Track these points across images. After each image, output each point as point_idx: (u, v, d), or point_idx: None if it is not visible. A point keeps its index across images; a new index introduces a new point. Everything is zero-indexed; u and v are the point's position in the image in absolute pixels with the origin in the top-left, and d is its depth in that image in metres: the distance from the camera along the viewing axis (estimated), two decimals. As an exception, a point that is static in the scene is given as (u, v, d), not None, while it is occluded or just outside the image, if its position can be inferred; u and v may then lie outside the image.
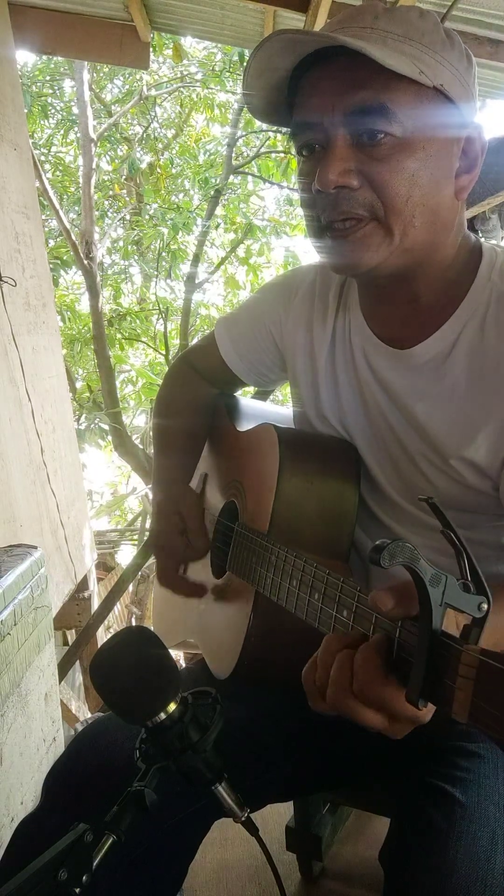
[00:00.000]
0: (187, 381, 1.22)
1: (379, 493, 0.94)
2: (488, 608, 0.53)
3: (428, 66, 0.73)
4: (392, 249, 0.77)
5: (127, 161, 8.84)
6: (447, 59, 0.75)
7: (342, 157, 0.74)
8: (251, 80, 0.79)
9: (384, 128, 0.72)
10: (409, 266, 0.80)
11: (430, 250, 0.80)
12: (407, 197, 0.74)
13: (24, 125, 3.42)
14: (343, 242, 0.78)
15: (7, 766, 1.28)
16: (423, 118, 0.73)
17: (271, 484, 0.92)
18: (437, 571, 0.53)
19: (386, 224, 0.76)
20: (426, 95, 0.73)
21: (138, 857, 0.78)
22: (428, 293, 0.84)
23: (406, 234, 0.76)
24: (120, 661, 0.64)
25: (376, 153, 0.73)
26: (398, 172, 0.74)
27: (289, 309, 1.02)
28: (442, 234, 0.80)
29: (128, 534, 8.55)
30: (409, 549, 0.52)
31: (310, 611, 0.73)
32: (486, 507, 0.85)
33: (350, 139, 0.74)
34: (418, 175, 0.74)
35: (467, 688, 0.49)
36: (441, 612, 0.53)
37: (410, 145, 0.73)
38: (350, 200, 0.75)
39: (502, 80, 3.33)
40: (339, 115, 0.74)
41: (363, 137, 0.74)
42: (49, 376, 3.31)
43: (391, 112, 0.72)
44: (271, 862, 0.72)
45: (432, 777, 0.79)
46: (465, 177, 0.79)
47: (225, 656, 0.93)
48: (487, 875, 0.67)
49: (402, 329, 0.87)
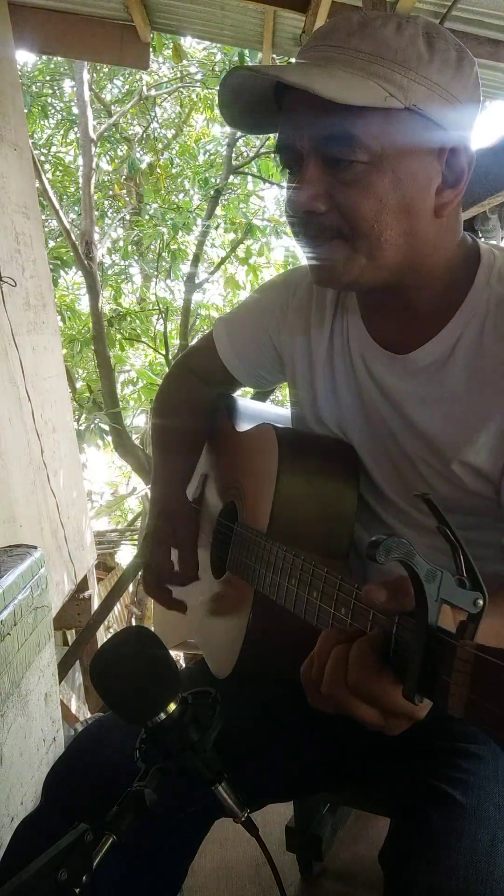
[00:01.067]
0: (186, 382, 1.22)
1: (379, 494, 0.94)
2: (484, 604, 0.53)
3: (399, 87, 0.70)
4: (363, 268, 0.77)
5: (127, 161, 8.85)
6: (423, 74, 0.71)
7: (311, 181, 0.74)
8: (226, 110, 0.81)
9: (349, 156, 0.72)
10: (393, 281, 0.80)
11: (411, 267, 0.79)
12: (374, 221, 0.74)
13: (24, 125, 3.43)
14: (314, 256, 0.79)
15: (7, 766, 1.28)
16: (393, 141, 0.72)
17: (270, 484, 0.92)
18: (432, 567, 0.53)
19: (353, 245, 0.76)
20: (397, 117, 0.71)
21: (138, 857, 0.78)
22: (423, 300, 0.84)
23: (374, 255, 0.76)
24: (120, 661, 0.64)
25: (345, 177, 0.73)
26: (365, 197, 0.73)
27: (286, 310, 1.02)
28: (422, 250, 0.78)
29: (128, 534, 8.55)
30: (405, 545, 0.52)
31: (308, 609, 0.73)
32: (488, 509, 0.85)
33: (321, 163, 0.74)
34: (387, 198, 0.73)
35: (463, 683, 0.49)
36: (437, 608, 0.53)
37: (380, 168, 0.72)
38: (318, 224, 0.76)
39: (502, 80, 3.33)
40: (307, 141, 0.74)
41: (332, 162, 0.74)
42: (49, 376, 3.31)
43: (357, 139, 0.71)
44: (271, 862, 0.72)
45: (432, 778, 0.79)
46: (448, 192, 0.77)
47: (225, 656, 0.93)
48: (487, 876, 0.67)
49: (400, 334, 0.87)
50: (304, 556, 0.77)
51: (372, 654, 0.57)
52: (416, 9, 2.76)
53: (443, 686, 0.51)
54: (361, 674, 0.57)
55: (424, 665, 0.53)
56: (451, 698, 0.50)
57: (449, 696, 0.50)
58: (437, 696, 0.52)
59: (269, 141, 8.08)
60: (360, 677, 0.57)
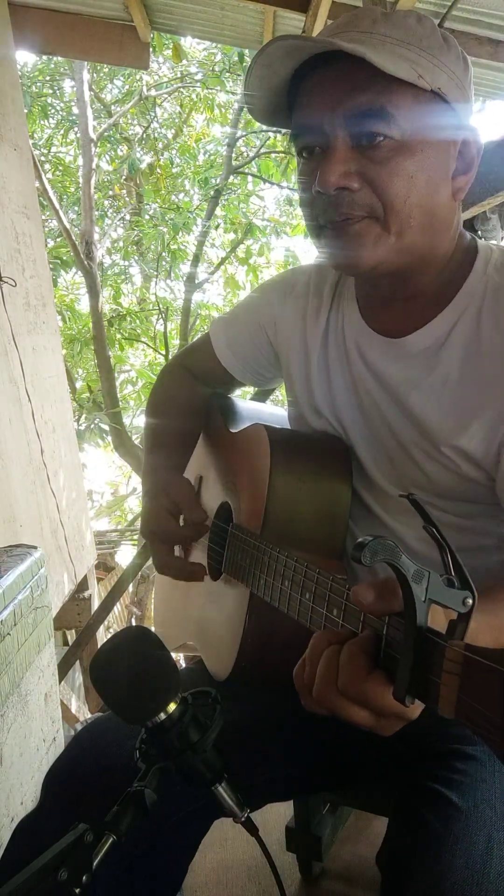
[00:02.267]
0: (181, 381, 1.22)
1: (373, 487, 0.95)
2: (473, 603, 0.53)
3: (426, 70, 0.74)
4: (390, 248, 0.78)
5: (127, 161, 8.85)
6: (444, 62, 0.76)
7: (342, 160, 0.75)
8: (253, 85, 0.80)
9: (383, 130, 0.74)
10: (407, 265, 0.81)
11: (427, 250, 0.81)
12: (405, 198, 0.76)
13: (24, 125, 3.43)
14: (341, 239, 0.79)
15: (7, 766, 1.28)
16: (422, 121, 0.75)
17: (263, 484, 0.92)
18: (419, 567, 0.53)
19: (384, 223, 0.77)
20: (424, 98, 0.74)
21: (138, 857, 0.78)
22: (423, 286, 0.85)
23: (403, 233, 0.77)
24: (120, 661, 0.64)
25: (375, 155, 0.75)
26: (397, 174, 0.75)
27: (283, 307, 1.03)
28: (440, 233, 0.81)
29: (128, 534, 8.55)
30: (391, 546, 0.52)
31: (301, 610, 0.74)
32: (483, 496, 0.86)
33: (350, 141, 0.75)
34: (416, 177, 0.75)
35: (452, 683, 0.49)
36: (425, 608, 0.53)
37: (409, 147, 0.75)
38: (350, 202, 0.76)
39: (502, 80, 3.33)
40: (339, 118, 0.75)
41: (362, 140, 0.75)
42: (49, 376, 3.31)
43: (390, 115, 0.73)
44: (271, 862, 0.72)
45: (429, 780, 0.79)
46: (461, 178, 0.80)
47: (222, 658, 0.93)
48: (483, 878, 0.67)
49: (396, 320, 0.88)
50: (296, 557, 0.77)
51: (362, 656, 0.57)
52: (416, 8, 2.75)
53: (433, 687, 0.51)
54: (352, 676, 0.57)
55: (414, 666, 0.53)
56: (441, 699, 0.50)
57: (439, 697, 0.50)
58: (428, 697, 0.52)
59: (269, 141, 8.09)
60: (351, 679, 0.57)
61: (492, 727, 0.45)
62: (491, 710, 0.46)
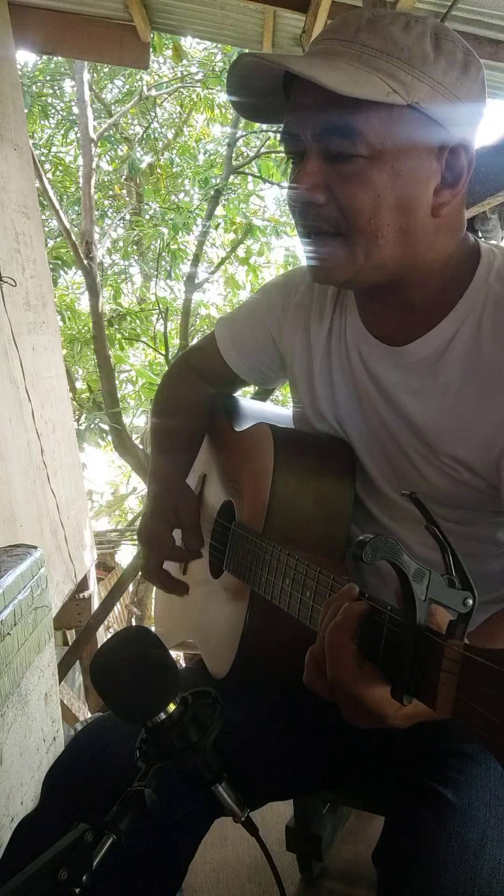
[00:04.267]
0: (186, 381, 1.22)
1: (375, 491, 0.95)
2: (473, 603, 0.53)
3: (402, 84, 0.71)
4: (359, 267, 0.78)
5: (127, 161, 8.85)
6: (428, 73, 0.72)
7: (312, 172, 0.75)
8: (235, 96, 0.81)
9: (350, 150, 0.72)
10: (388, 279, 0.80)
11: (408, 264, 0.79)
12: (370, 217, 0.74)
13: (24, 125, 3.43)
14: (313, 255, 0.80)
15: (7, 766, 1.28)
16: (394, 137, 0.72)
17: (266, 483, 0.92)
18: (420, 567, 0.53)
19: (350, 241, 0.76)
20: (399, 114, 0.72)
21: (138, 857, 0.78)
22: (420, 296, 0.84)
23: (370, 253, 0.77)
24: (120, 661, 0.64)
25: (345, 171, 0.74)
26: (364, 192, 0.74)
27: (287, 308, 1.03)
28: (418, 248, 0.78)
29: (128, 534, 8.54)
30: (392, 544, 0.52)
31: (302, 609, 0.74)
32: (482, 503, 0.86)
33: (322, 154, 0.75)
34: (385, 195, 0.74)
35: (450, 683, 0.49)
36: (425, 608, 0.53)
37: (379, 164, 0.73)
38: (315, 215, 0.77)
39: (502, 80, 3.33)
40: (309, 132, 0.75)
41: (332, 154, 0.74)
42: (49, 376, 3.31)
43: (359, 133, 0.72)
44: (271, 862, 0.72)
45: (424, 777, 0.79)
46: (446, 192, 0.77)
47: (222, 655, 0.93)
48: (476, 875, 0.68)
49: (397, 327, 0.87)
50: (298, 555, 0.77)
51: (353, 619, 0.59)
52: (416, 8, 2.75)
53: (431, 686, 0.51)
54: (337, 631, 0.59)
55: (413, 665, 0.53)
56: (438, 698, 0.50)
57: (437, 696, 0.50)
58: (425, 695, 0.52)
59: (269, 141, 8.09)
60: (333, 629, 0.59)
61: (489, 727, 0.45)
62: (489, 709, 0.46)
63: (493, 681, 0.46)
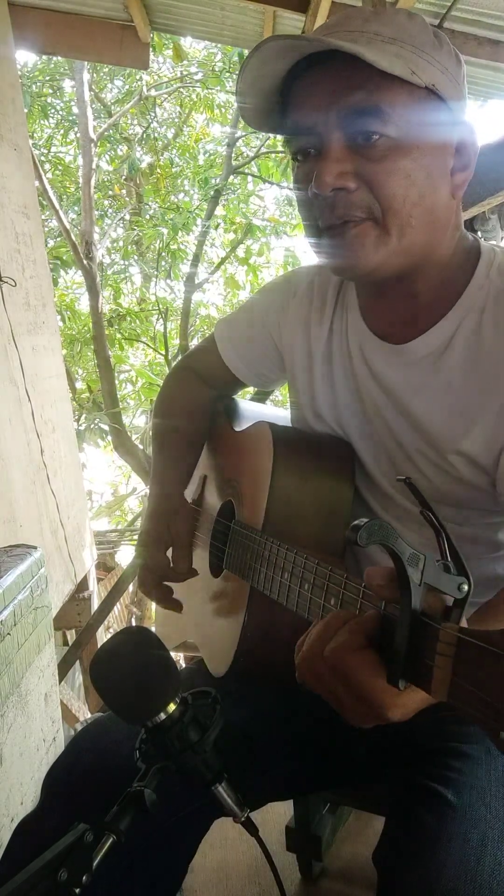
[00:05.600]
0: (187, 383, 1.22)
1: (375, 490, 0.95)
2: (469, 589, 0.53)
3: (419, 67, 0.72)
4: (390, 251, 0.77)
5: (127, 161, 8.86)
6: (437, 59, 0.75)
7: (338, 160, 0.74)
8: (246, 87, 0.79)
9: (379, 129, 0.73)
10: (408, 267, 0.80)
11: (428, 250, 0.80)
12: (404, 197, 0.75)
13: (24, 125, 3.43)
14: (340, 243, 0.78)
15: (7, 766, 1.28)
16: (417, 118, 0.74)
17: (265, 481, 0.92)
18: (415, 551, 0.53)
19: (383, 224, 0.76)
20: (419, 95, 0.73)
21: (138, 857, 0.78)
22: (426, 291, 0.84)
23: (403, 233, 0.76)
24: (120, 661, 0.64)
25: (372, 154, 0.74)
26: (394, 172, 0.74)
27: (287, 309, 1.03)
28: (440, 232, 0.80)
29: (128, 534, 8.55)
30: (387, 528, 0.52)
31: (300, 602, 0.74)
32: (480, 502, 0.86)
33: (345, 141, 0.74)
34: (414, 174, 0.74)
35: (446, 666, 0.49)
36: (420, 592, 0.53)
37: (405, 145, 0.74)
38: (347, 203, 0.75)
39: (502, 80, 3.33)
40: (334, 118, 0.74)
41: (358, 139, 0.74)
42: (49, 376, 3.31)
43: (385, 113, 0.72)
44: (271, 862, 0.72)
45: (424, 778, 0.79)
46: (460, 175, 0.79)
47: (221, 654, 0.93)
48: (476, 876, 0.67)
49: (398, 325, 0.87)
50: (296, 549, 0.78)
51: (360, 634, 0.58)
52: (416, 9, 2.76)
53: (426, 670, 0.51)
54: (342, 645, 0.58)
55: (408, 649, 0.53)
56: (434, 682, 0.50)
57: (432, 679, 0.50)
58: (421, 680, 0.52)
59: (269, 141, 8.09)
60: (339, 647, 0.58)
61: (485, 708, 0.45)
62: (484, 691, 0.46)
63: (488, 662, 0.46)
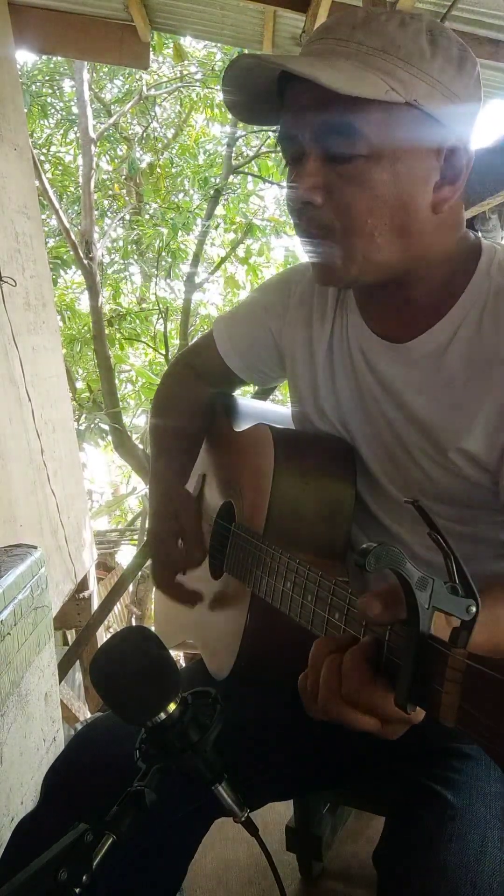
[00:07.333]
0: (185, 381, 1.22)
1: (377, 491, 0.95)
2: (476, 611, 0.52)
3: (400, 81, 0.70)
4: (361, 267, 0.78)
5: (127, 161, 8.85)
6: (426, 70, 0.72)
7: (310, 173, 0.75)
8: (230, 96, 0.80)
9: (350, 149, 0.72)
10: (391, 276, 0.80)
11: (408, 262, 0.79)
12: (367, 217, 0.74)
13: (24, 125, 3.43)
14: (313, 257, 0.79)
15: (7, 766, 1.28)
16: (395, 134, 0.72)
17: (266, 484, 0.92)
18: (423, 575, 0.52)
19: (345, 244, 0.76)
20: (397, 111, 0.71)
21: (138, 857, 0.78)
22: (422, 292, 0.84)
23: (369, 254, 0.76)
24: (119, 661, 0.64)
25: (344, 171, 0.73)
26: (362, 192, 0.73)
27: (287, 306, 1.03)
28: (419, 245, 0.78)
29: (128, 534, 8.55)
30: (395, 553, 0.52)
31: (303, 613, 0.73)
32: (485, 501, 0.86)
33: (321, 154, 0.74)
34: (385, 194, 0.73)
35: (455, 692, 0.49)
36: (429, 616, 0.53)
37: (380, 164, 0.73)
38: (310, 218, 0.76)
39: (502, 80, 3.33)
40: (308, 134, 0.74)
41: (333, 153, 0.74)
42: (49, 376, 3.31)
43: (358, 132, 0.71)
44: (271, 862, 0.72)
45: (425, 778, 0.79)
46: (446, 189, 0.77)
47: (222, 656, 0.93)
48: (477, 877, 0.67)
49: (399, 324, 0.87)
50: (299, 559, 0.77)
51: (364, 664, 0.57)
52: (416, 8, 2.75)
53: (434, 695, 0.51)
54: (354, 684, 0.57)
55: (416, 674, 0.53)
56: (442, 707, 0.50)
57: (440, 705, 0.50)
58: (429, 704, 0.52)
59: (269, 140, 8.08)
60: (354, 687, 0.57)
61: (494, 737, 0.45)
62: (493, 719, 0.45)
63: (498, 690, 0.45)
